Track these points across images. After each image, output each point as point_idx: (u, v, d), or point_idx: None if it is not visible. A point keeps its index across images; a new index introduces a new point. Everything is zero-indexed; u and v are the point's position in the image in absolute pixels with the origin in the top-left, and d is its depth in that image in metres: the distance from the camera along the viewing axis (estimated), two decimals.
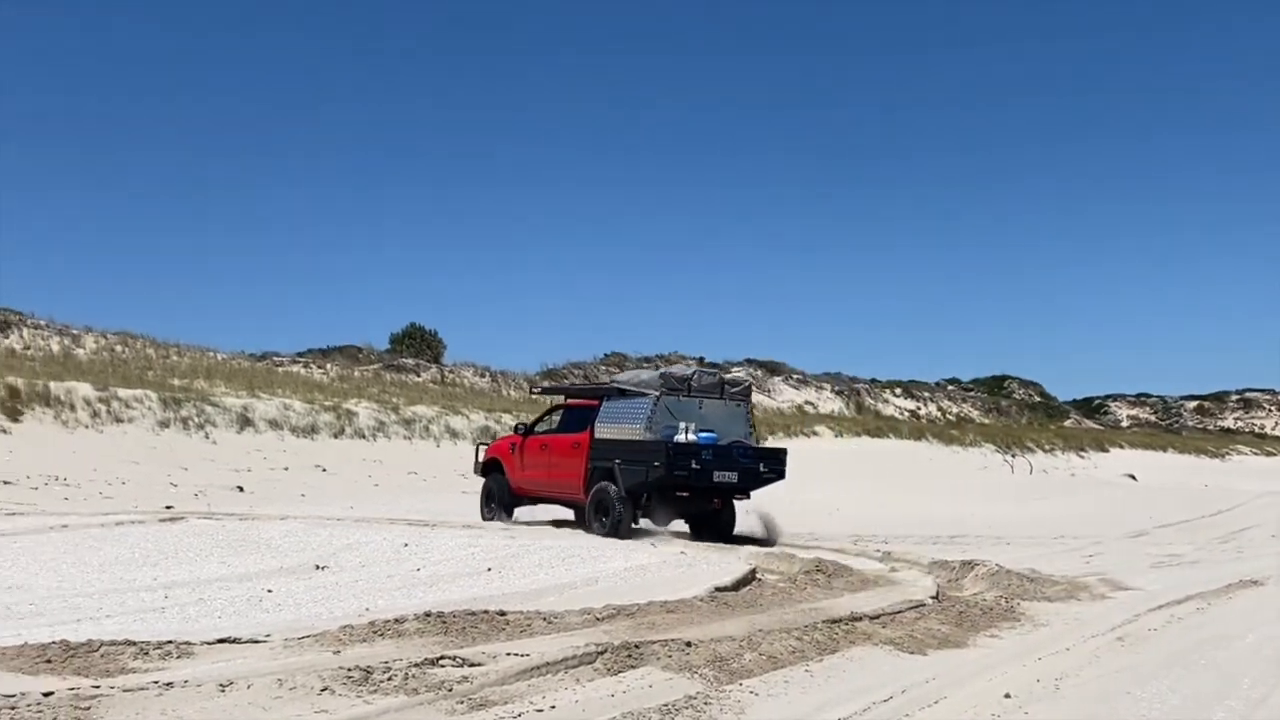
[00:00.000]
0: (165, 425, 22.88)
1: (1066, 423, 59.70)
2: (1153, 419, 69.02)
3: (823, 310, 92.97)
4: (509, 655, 5.90)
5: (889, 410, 52.30)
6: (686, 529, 14.24)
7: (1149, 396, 72.51)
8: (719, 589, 8.76)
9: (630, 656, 6.07)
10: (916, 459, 34.84)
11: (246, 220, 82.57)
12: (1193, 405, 71.72)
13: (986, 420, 54.66)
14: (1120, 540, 16.88)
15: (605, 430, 13.85)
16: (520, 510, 15.26)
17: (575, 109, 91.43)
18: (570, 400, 15.51)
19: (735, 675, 6.08)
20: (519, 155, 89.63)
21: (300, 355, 38.68)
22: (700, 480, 13.16)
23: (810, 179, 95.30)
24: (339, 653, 5.81)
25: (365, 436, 26.09)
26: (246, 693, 4.91)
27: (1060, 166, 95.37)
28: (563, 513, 15.01)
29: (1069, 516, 21.15)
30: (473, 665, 5.66)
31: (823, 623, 7.61)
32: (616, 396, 14.16)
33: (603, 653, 6.03)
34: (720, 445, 13.43)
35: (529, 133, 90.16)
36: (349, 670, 5.33)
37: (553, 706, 5.18)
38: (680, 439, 13.17)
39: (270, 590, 8.01)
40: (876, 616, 8.08)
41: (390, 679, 5.31)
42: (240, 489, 18.89)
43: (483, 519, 14.86)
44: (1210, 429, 66.34)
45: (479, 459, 16.17)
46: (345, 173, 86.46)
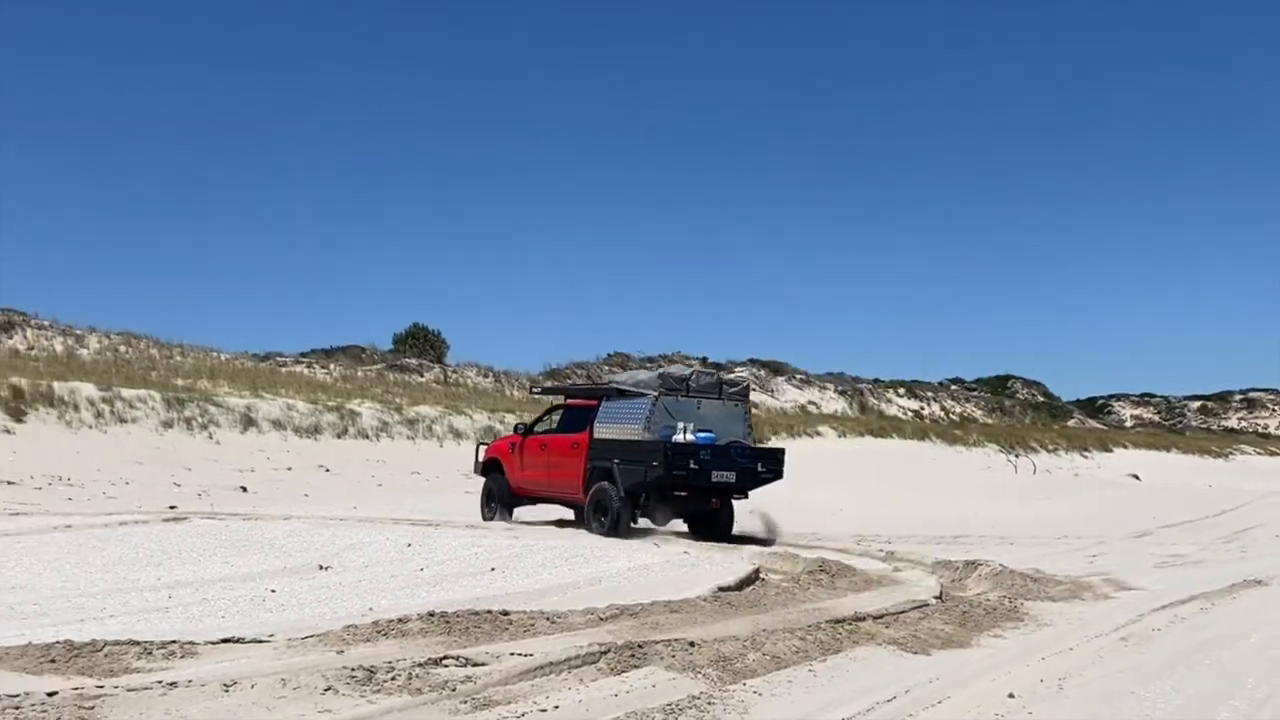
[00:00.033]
0: (169, 425, 22.91)
1: (1070, 423, 59.58)
2: (1156, 419, 68.88)
3: (825, 310, 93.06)
4: (512, 655, 5.90)
5: (892, 410, 52.25)
6: (685, 528, 14.26)
7: (1152, 396, 72.38)
8: (722, 589, 8.76)
9: (634, 656, 6.07)
10: (920, 459, 34.80)
11: (250, 220, 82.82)
12: (1196, 405, 71.54)
13: (990, 420, 54.59)
14: (1124, 540, 16.87)
15: (604, 430, 13.89)
16: (523, 510, 15.29)
17: (576, 109, 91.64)
18: (569, 400, 15.56)
19: (739, 675, 6.07)
20: (521, 155, 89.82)
21: (303, 355, 38.71)
22: (698, 480, 13.19)
23: (810, 179, 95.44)
24: (342, 652, 5.82)
25: (368, 436, 26.11)
26: (250, 692, 4.92)
27: (1060, 166, 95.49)
28: (565, 513, 15.02)
29: (1072, 516, 21.15)
30: (476, 665, 5.66)
31: (826, 623, 7.61)
32: (615, 397, 14.20)
33: (606, 652, 6.03)
34: (718, 445, 13.45)
35: (531, 133, 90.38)
36: (352, 670, 5.33)
37: (556, 706, 5.18)
38: (678, 439, 13.20)
39: (274, 590, 8.02)
40: (880, 616, 8.08)
41: (394, 679, 5.31)
42: (244, 489, 18.91)
43: (483, 518, 14.89)
44: (1214, 429, 66.17)
45: (479, 459, 16.23)
46: (348, 173, 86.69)
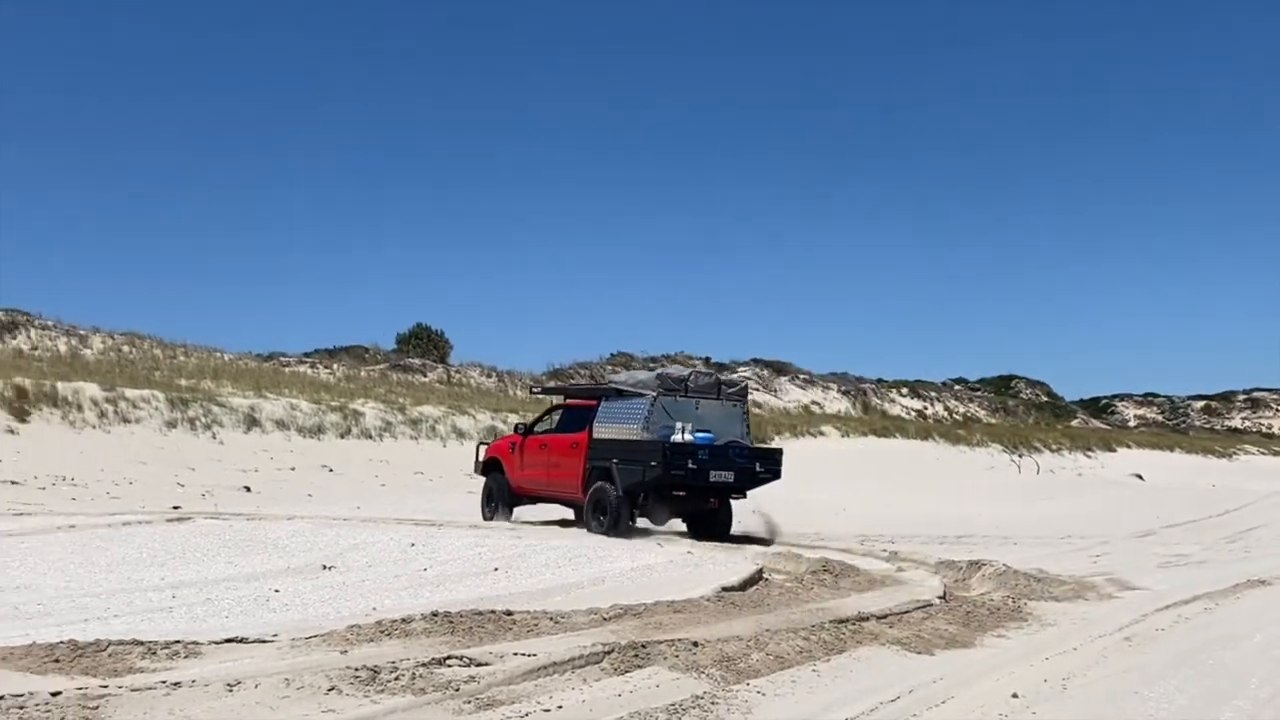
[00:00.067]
0: (172, 425, 22.94)
1: (1073, 422, 59.55)
2: (1160, 419, 68.78)
3: (828, 310, 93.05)
4: (516, 655, 5.90)
5: (895, 410, 52.21)
6: (685, 528, 14.27)
7: (1156, 396, 72.27)
8: (726, 589, 8.76)
9: (637, 656, 6.06)
10: (923, 459, 34.77)
11: (253, 220, 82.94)
12: (1200, 405, 71.41)
13: (993, 420, 54.54)
14: (1127, 540, 16.85)
15: (603, 430, 13.93)
16: (523, 510, 15.31)
17: (578, 109, 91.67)
18: (569, 400, 15.62)
19: (742, 675, 6.07)
20: (524, 155, 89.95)
21: (307, 355, 38.75)
22: (697, 480, 13.24)
23: (812, 179, 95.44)
24: (346, 652, 5.82)
25: (372, 436, 26.13)
26: (254, 692, 4.92)
27: (1060, 166, 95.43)
28: (567, 513, 15.03)
29: (1076, 516, 21.13)
30: (480, 665, 5.66)
31: (830, 623, 7.61)
32: (614, 397, 14.24)
33: (610, 652, 6.03)
34: (716, 445, 13.48)
35: (534, 133, 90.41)
36: (356, 670, 5.34)
37: (560, 706, 5.18)
38: (677, 439, 13.25)
39: (277, 590, 8.03)
40: (883, 616, 8.07)
41: (397, 679, 5.31)
42: (247, 489, 18.93)
43: (483, 518, 14.93)
44: (1218, 429, 66.08)
45: (479, 459, 16.27)
46: (351, 173, 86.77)
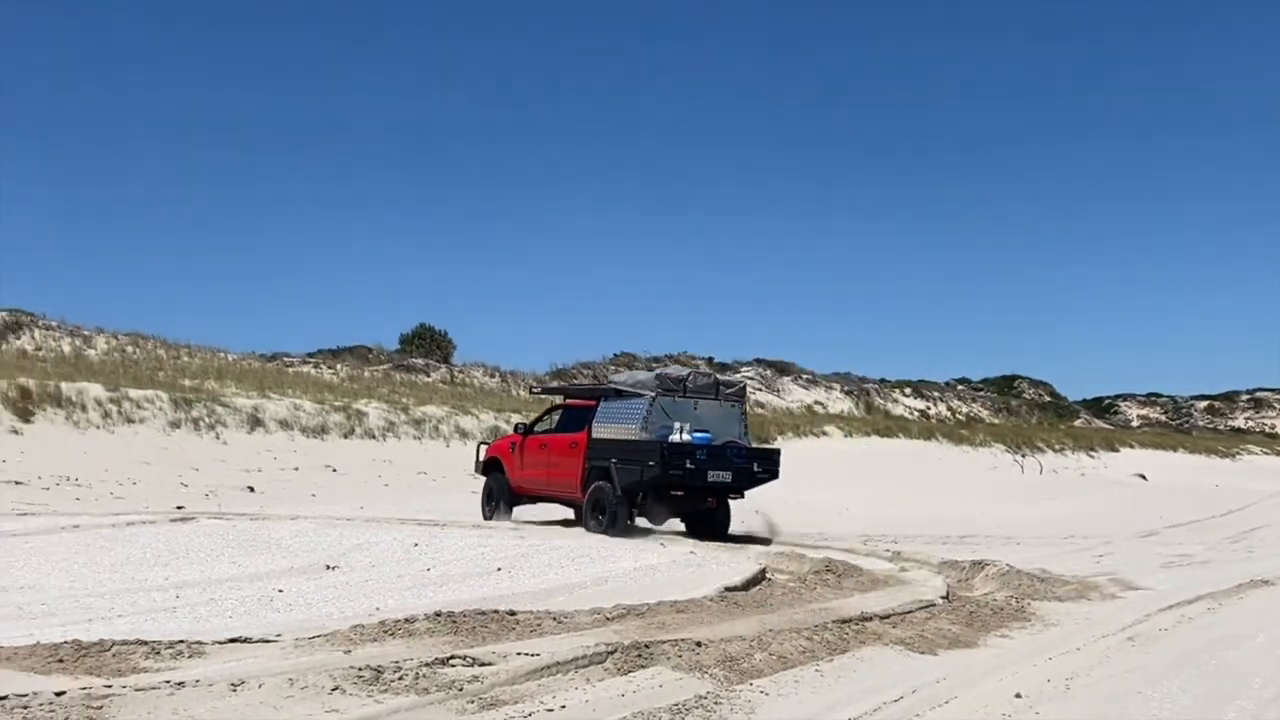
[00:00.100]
0: (176, 426, 22.97)
1: (1076, 422, 59.47)
2: (1163, 419, 68.67)
3: (832, 310, 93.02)
4: (519, 655, 5.90)
5: (898, 410, 52.17)
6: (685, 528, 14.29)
7: (1159, 396, 72.16)
8: (729, 589, 8.76)
9: (640, 656, 6.07)
10: (926, 459, 34.74)
11: (257, 222, 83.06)
12: (1203, 405, 71.27)
13: (996, 420, 54.49)
14: (1130, 540, 16.83)
15: (602, 430, 13.99)
16: (524, 510, 15.33)
17: (581, 109, 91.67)
18: (569, 400, 15.67)
19: (745, 675, 6.07)
20: (526, 155, 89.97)
21: (310, 356, 38.78)
22: (694, 479, 13.30)
23: (815, 178, 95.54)
24: (350, 652, 5.83)
25: (375, 437, 26.15)
26: (258, 692, 4.93)
27: (1061, 166, 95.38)
28: (569, 513, 15.03)
29: (1079, 516, 21.11)
30: (483, 665, 5.67)
31: (833, 623, 7.60)
32: (613, 397, 14.30)
33: (613, 652, 6.03)
34: (714, 445, 13.53)
35: (537, 133, 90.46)
36: (360, 670, 5.34)
37: (563, 706, 5.18)
38: (675, 439, 13.30)
39: (281, 590, 8.04)
40: (887, 616, 8.07)
41: (401, 678, 5.32)
42: (251, 489, 18.94)
43: (483, 517, 14.97)
44: (1221, 429, 65.97)
45: (479, 458, 16.32)
46: (354, 173, 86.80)
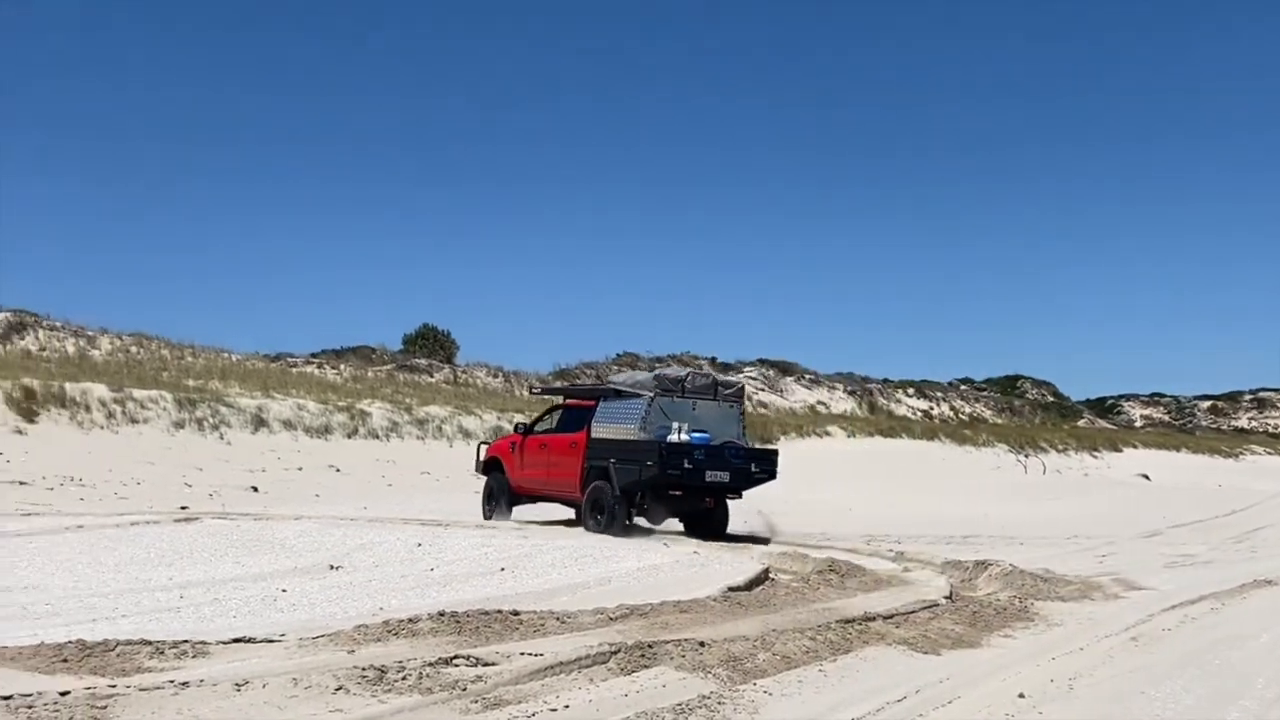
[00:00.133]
0: (180, 426, 22.99)
1: (1080, 422, 59.41)
2: (1166, 419, 68.59)
3: (834, 311, 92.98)
4: (523, 655, 5.91)
5: (901, 410, 52.13)
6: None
7: (1162, 396, 72.07)
8: (732, 589, 8.76)
9: (644, 656, 6.07)
10: (929, 459, 34.73)
11: (260, 222, 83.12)
12: (1206, 405, 71.20)
13: (999, 420, 54.44)
14: (1134, 540, 16.82)
15: (601, 430, 14.05)
16: (523, 509, 15.35)
17: (583, 108, 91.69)
18: (568, 400, 15.71)
19: (749, 675, 6.07)
20: (528, 155, 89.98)
21: (314, 356, 38.78)
22: (693, 479, 13.36)
23: (817, 178, 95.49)
24: (353, 652, 5.83)
25: (378, 437, 26.17)
26: (262, 692, 4.93)
27: (1062, 166, 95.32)
28: (571, 513, 15.04)
29: (1082, 516, 21.10)
30: (486, 665, 5.67)
31: (836, 622, 7.60)
32: (612, 397, 14.37)
33: (616, 652, 6.04)
34: (713, 445, 13.59)
35: (539, 133, 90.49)
36: (363, 670, 5.35)
37: (566, 706, 5.19)
38: (673, 439, 13.36)
39: (285, 590, 8.04)
40: (890, 616, 8.07)
41: (404, 678, 5.32)
42: (254, 489, 18.96)
43: (484, 517, 15.02)
44: (1224, 429, 65.90)
45: (480, 458, 16.36)
46: (356, 173, 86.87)
